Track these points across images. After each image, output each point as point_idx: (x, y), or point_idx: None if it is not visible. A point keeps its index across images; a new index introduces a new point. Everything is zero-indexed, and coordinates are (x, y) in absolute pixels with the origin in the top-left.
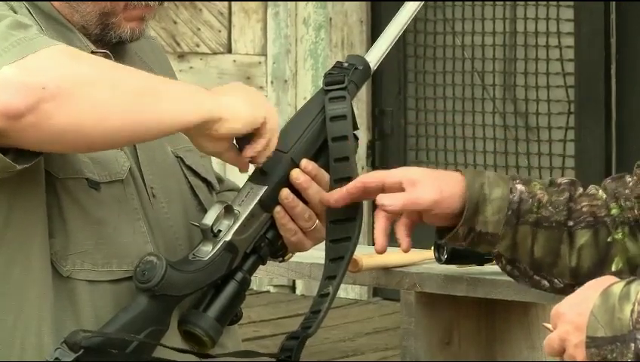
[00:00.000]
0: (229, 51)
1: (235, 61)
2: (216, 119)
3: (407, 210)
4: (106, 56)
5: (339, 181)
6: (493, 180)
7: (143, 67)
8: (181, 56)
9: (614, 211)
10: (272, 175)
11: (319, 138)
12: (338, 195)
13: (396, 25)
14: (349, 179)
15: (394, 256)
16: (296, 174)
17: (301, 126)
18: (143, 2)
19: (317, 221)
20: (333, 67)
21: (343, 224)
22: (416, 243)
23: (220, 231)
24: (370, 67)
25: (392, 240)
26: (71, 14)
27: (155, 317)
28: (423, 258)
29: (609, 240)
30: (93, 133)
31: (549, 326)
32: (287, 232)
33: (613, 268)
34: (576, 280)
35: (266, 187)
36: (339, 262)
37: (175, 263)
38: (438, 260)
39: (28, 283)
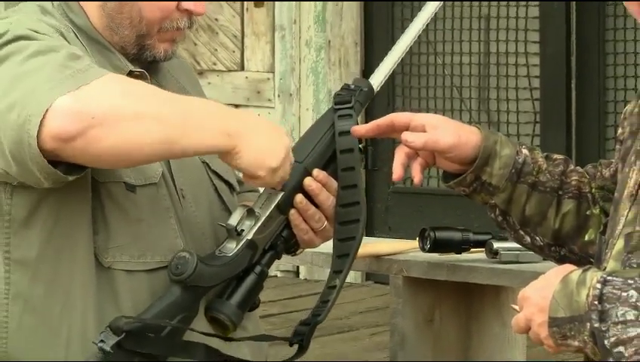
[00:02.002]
0: (242, 69)
1: (247, 77)
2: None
3: (426, 148)
4: (142, 74)
5: (346, 188)
6: (505, 141)
7: (175, 83)
8: (200, 73)
9: (595, 190)
10: (288, 182)
11: (329, 150)
12: (369, 126)
13: (396, 53)
14: (355, 187)
15: (384, 246)
16: (309, 182)
17: (314, 139)
18: (175, 25)
19: (326, 222)
20: (342, 88)
21: (348, 225)
22: (403, 234)
23: (242, 230)
24: (373, 89)
25: (381, 231)
26: (111, 36)
27: (186, 305)
28: (409, 247)
29: (588, 213)
30: (133, 156)
31: (517, 307)
32: (300, 231)
33: (586, 238)
34: (555, 241)
35: (283, 193)
36: (344, 259)
37: (204, 258)
38: (422, 249)
39: (74, 273)
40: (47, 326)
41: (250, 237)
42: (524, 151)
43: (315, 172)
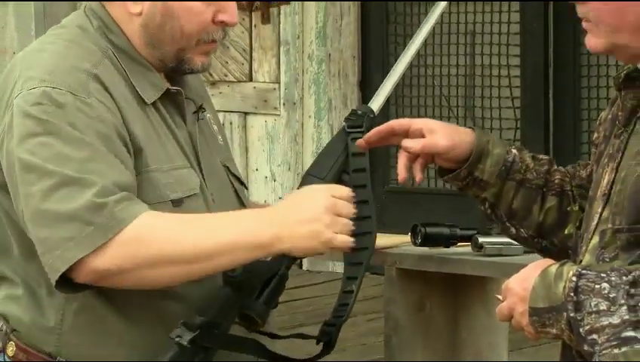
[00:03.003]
0: (251, 80)
1: (255, 87)
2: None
3: (424, 152)
4: (178, 93)
5: (358, 203)
6: (496, 141)
7: (195, 93)
8: (213, 83)
9: (574, 188)
10: None
11: (343, 167)
12: (371, 134)
13: (391, 80)
14: (366, 202)
15: (379, 240)
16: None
17: (332, 158)
18: (210, 38)
19: None
20: (351, 114)
21: (361, 237)
22: (397, 230)
23: None
24: (375, 114)
25: (377, 227)
26: (151, 53)
27: (236, 304)
28: (402, 241)
29: (568, 209)
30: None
31: (500, 297)
32: None
33: (566, 232)
34: (538, 233)
35: None
36: (358, 266)
37: (247, 265)
38: (414, 243)
39: None
40: (99, 327)
41: None
42: (514, 151)
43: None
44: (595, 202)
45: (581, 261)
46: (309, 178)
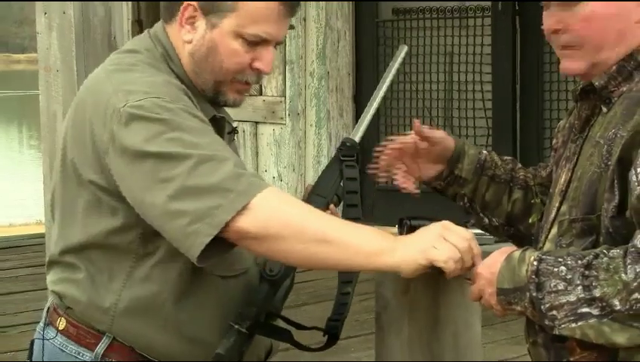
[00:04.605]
0: (261, 94)
1: (264, 100)
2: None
3: (424, 134)
4: (222, 119)
5: (350, 219)
6: (470, 145)
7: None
8: None
9: (535, 186)
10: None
11: (339, 189)
12: (384, 158)
13: (368, 115)
14: (357, 219)
15: None
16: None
17: (330, 181)
18: (245, 79)
19: None
20: (342, 144)
21: None
22: (386, 223)
23: None
24: (358, 146)
25: (368, 221)
26: (195, 81)
27: (272, 297)
28: (390, 233)
29: (532, 201)
30: (287, 259)
31: (469, 281)
32: None
33: (530, 220)
34: (507, 222)
35: None
36: (351, 272)
37: (279, 263)
38: (400, 234)
39: (182, 275)
40: (148, 311)
41: None
42: (485, 152)
43: (331, 206)
44: (553, 198)
45: (542, 247)
46: (315, 197)
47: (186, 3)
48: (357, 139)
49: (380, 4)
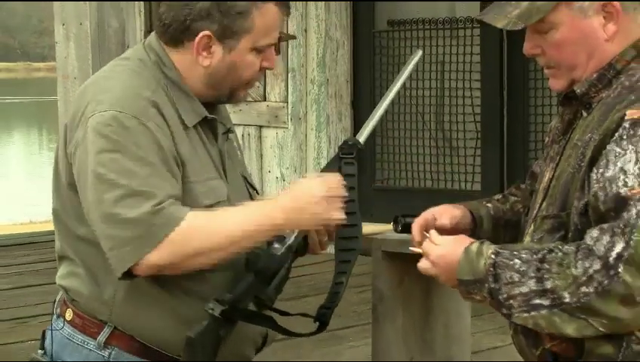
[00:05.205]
0: (264, 99)
1: (267, 106)
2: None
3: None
4: (214, 120)
5: (348, 214)
6: (476, 205)
7: (224, 110)
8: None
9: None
10: None
11: None
12: (416, 232)
13: (376, 116)
14: (354, 213)
15: (368, 228)
16: None
17: None
18: (255, 79)
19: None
20: (344, 143)
21: (348, 240)
22: (382, 220)
23: (285, 237)
24: (362, 145)
25: (366, 218)
26: (207, 92)
27: (254, 286)
28: (385, 229)
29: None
30: (204, 268)
31: (416, 250)
32: (313, 240)
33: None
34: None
35: None
36: (347, 263)
37: (264, 255)
38: (395, 231)
39: None
40: (145, 300)
41: (290, 242)
42: (489, 205)
43: None
44: (537, 195)
45: (523, 241)
46: None
47: (201, 34)
48: (362, 139)
49: (376, 15)
